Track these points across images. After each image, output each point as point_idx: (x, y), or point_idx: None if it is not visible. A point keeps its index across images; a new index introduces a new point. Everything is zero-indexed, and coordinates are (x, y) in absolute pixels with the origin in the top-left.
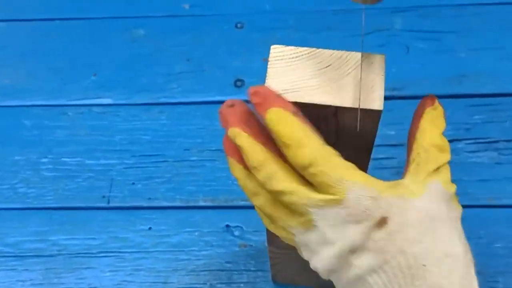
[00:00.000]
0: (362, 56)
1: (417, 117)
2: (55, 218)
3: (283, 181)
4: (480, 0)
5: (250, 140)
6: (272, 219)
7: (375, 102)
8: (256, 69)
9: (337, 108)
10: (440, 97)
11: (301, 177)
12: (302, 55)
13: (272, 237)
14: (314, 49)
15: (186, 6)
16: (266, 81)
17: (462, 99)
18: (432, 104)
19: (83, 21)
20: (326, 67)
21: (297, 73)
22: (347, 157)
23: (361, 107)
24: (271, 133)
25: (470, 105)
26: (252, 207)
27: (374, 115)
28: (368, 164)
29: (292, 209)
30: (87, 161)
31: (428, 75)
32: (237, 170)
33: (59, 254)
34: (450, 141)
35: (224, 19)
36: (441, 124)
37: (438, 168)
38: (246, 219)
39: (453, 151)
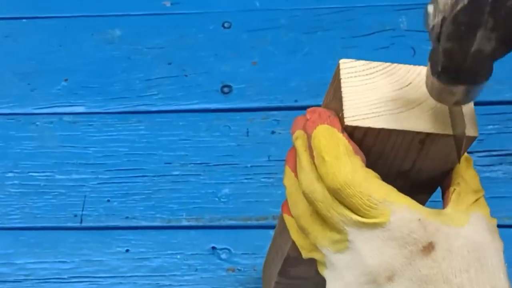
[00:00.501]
0: None
1: None
2: (21, 239)
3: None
4: None
5: (306, 144)
6: (305, 233)
7: (470, 127)
8: (245, 73)
9: (428, 135)
10: None
11: None
12: (377, 71)
13: (286, 267)
14: (387, 64)
15: (167, 3)
16: (344, 103)
17: (476, 107)
18: None
19: (52, 20)
20: (407, 85)
21: (375, 93)
22: (413, 188)
23: (463, 133)
24: (313, 151)
25: (483, 113)
26: (241, 227)
27: (468, 142)
28: (426, 201)
29: (329, 224)
30: (58, 176)
31: None
32: (287, 177)
33: (26, 279)
34: None
35: (210, 18)
36: (470, 156)
37: (477, 200)
38: (235, 240)
39: None
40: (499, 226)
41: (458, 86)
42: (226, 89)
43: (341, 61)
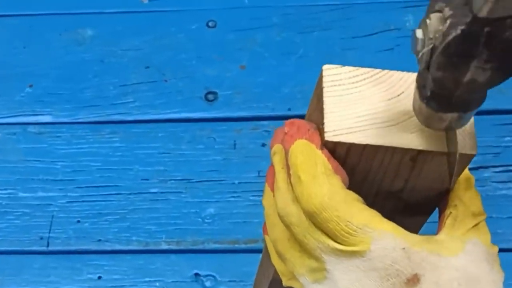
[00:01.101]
0: None
1: None
2: None
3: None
4: None
5: (284, 161)
6: (282, 259)
7: (467, 144)
8: (233, 78)
9: (420, 152)
10: None
11: None
12: (365, 78)
13: None
14: (377, 70)
15: (145, 0)
16: (325, 115)
17: (489, 117)
18: None
19: (16, 18)
20: (398, 95)
21: (361, 104)
22: (407, 209)
23: (457, 151)
24: (290, 168)
25: (499, 123)
26: (227, 251)
27: (464, 160)
28: (423, 223)
29: (306, 251)
30: (21, 194)
31: None
32: (266, 196)
33: None
34: (475, 168)
35: (192, 16)
36: (471, 175)
37: (476, 225)
38: (220, 266)
39: (478, 181)
40: None
41: (448, 114)
42: (210, 96)
43: (324, 67)
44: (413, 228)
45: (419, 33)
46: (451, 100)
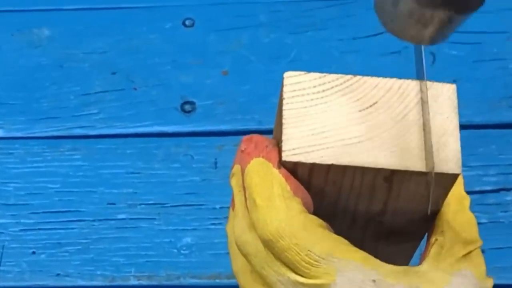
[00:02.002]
0: (422, 87)
1: None
2: None
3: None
4: None
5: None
6: None
7: (449, 161)
8: (213, 86)
9: (393, 172)
10: (481, 126)
11: None
12: (333, 86)
13: None
14: (348, 76)
15: None
16: (284, 131)
17: (501, 131)
18: None
19: None
20: (371, 105)
21: (328, 117)
22: (392, 236)
23: (433, 170)
24: (246, 191)
25: None
26: (207, 287)
27: (447, 180)
28: (413, 251)
29: (267, 285)
30: None
31: (463, 95)
32: (229, 223)
33: None
34: (495, 190)
35: (167, 14)
36: (466, 195)
37: (469, 253)
38: None
39: (499, 206)
40: None
41: (438, 12)
42: (187, 107)
43: (286, 74)
44: (402, 257)
45: None
46: None
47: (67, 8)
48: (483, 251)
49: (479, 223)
